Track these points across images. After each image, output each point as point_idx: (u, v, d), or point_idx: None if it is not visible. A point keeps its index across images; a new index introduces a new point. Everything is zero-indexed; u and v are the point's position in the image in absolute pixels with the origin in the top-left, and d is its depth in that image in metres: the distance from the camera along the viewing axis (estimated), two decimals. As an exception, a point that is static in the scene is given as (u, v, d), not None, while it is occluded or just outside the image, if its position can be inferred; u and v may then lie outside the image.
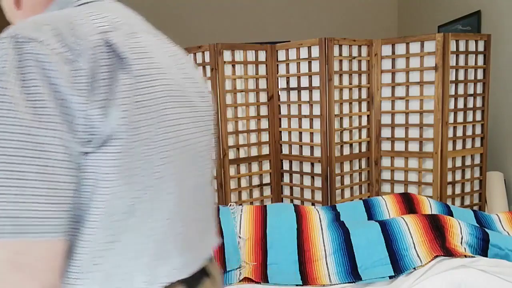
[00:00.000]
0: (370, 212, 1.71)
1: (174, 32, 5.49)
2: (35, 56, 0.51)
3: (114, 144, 0.55)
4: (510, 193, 2.93)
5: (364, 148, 2.57)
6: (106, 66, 0.56)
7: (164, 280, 0.64)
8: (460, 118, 2.44)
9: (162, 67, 0.65)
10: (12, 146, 0.49)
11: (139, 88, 0.59)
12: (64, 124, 0.52)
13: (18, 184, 0.49)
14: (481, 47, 2.43)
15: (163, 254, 0.64)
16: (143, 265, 0.62)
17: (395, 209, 1.70)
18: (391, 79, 2.47)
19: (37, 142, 0.50)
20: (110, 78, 0.56)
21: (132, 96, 0.57)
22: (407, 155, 2.47)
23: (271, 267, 1.42)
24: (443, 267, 1.29)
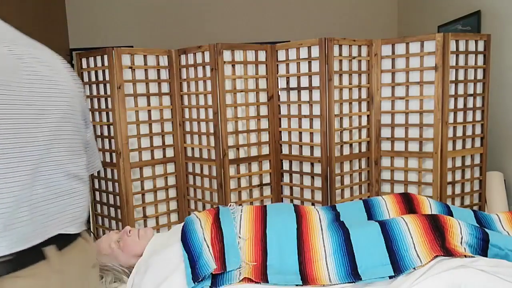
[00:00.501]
0: (370, 212, 1.71)
1: (174, 32, 5.51)
2: None
3: None
4: (510, 193, 2.93)
5: (364, 148, 2.57)
6: None
7: None
8: (460, 118, 2.44)
9: None
10: None
11: None
12: None
13: None
14: (481, 47, 2.43)
15: None
16: None
17: (395, 209, 1.70)
18: (391, 79, 2.47)
19: None
20: None
21: None
22: (407, 155, 2.48)
23: (271, 267, 1.42)
24: (443, 267, 1.29)
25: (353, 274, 1.38)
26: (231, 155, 2.52)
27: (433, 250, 1.36)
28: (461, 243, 1.40)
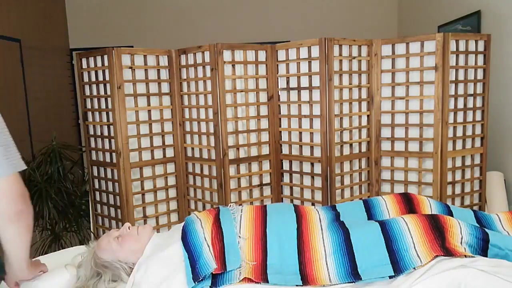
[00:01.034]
0: (370, 212, 1.71)
1: (174, 32, 5.50)
2: None
3: None
4: (510, 193, 2.93)
5: (364, 148, 2.57)
6: None
7: None
8: (460, 118, 2.44)
9: None
10: None
11: None
12: None
13: None
14: (481, 47, 2.43)
15: None
16: None
17: (395, 209, 1.70)
18: (391, 79, 2.47)
19: None
20: None
21: None
22: (407, 155, 2.48)
23: (271, 266, 1.42)
24: (443, 267, 1.29)
25: (353, 274, 1.38)
26: (231, 155, 2.52)
27: (433, 250, 1.36)
28: (461, 243, 1.40)
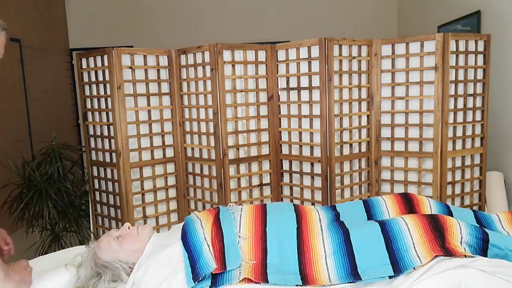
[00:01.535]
0: (370, 212, 1.71)
1: (174, 32, 5.50)
2: None
3: None
4: (510, 193, 2.93)
5: (364, 148, 2.57)
6: None
7: None
8: (460, 118, 2.44)
9: None
10: None
11: None
12: None
13: None
14: (481, 47, 2.43)
15: None
16: None
17: (395, 209, 1.70)
18: (391, 79, 2.47)
19: None
20: None
21: None
22: (407, 155, 2.48)
23: (271, 266, 1.42)
24: (443, 267, 1.29)
25: (353, 274, 1.38)
26: (231, 155, 2.52)
27: (433, 250, 1.36)
28: (461, 243, 1.40)
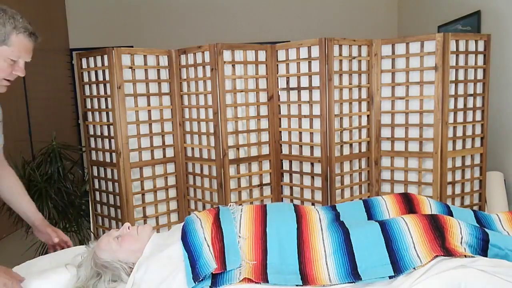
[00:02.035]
0: (370, 212, 1.71)
1: (174, 32, 5.50)
2: None
3: None
4: (510, 193, 2.93)
5: (364, 148, 2.57)
6: None
7: None
8: (460, 118, 2.44)
9: None
10: None
11: None
12: None
13: None
14: (481, 47, 2.43)
15: None
16: None
17: (395, 209, 1.70)
18: (391, 79, 2.47)
19: None
20: None
21: None
22: (407, 155, 2.48)
23: (271, 266, 1.42)
24: (443, 267, 1.29)
25: (353, 274, 1.38)
26: (231, 155, 2.52)
27: (433, 250, 1.36)
28: (461, 243, 1.40)
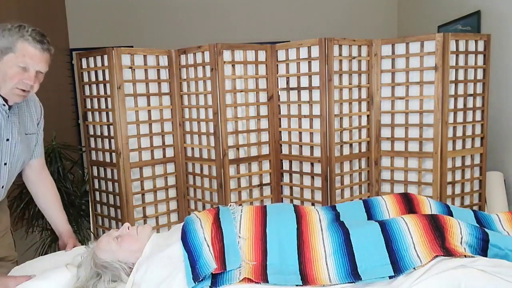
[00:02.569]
0: (370, 212, 1.71)
1: (174, 32, 5.50)
2: None
3: None
4: (510, 193, 2.93)
5: (364, 148, 2.57)
6: None
7: None
8: (460, 118, 2.44)
9: None
10: None
11: None
12: None
13: None
14: (481, 47, 2.43)
15: None
16: None
17: (395, 209, 1.70)
18: (391, 79, 2.47)
19: None
20: None
21: None
22: (407, 155, 2.48)
23: (271, 266, 1.42)
24: (443, 267, 1.29)
25: (353, 274, 1.38)
26: (231, 155, 2.52)
27: (433, 250, 1.36)
28: (461, 243, 1.40)
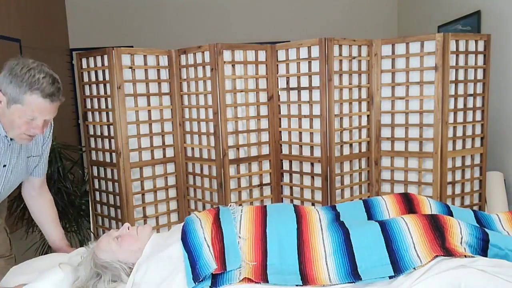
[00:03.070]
0: (370, 212, 1.71)
1: (174, 32, 5.50)
2: None
3: None
4: (510, 193, 2.93)
5: (364, 148, 2.57)
6: None
7: None
8: (460, 118, 2.44)
9: None
10: None
11: None
12: None
13: None
14: (481, 47, 2.43)
15: None
16: None
17: (395, 209, 1.70)
18: (391, 79, 2.47)
19: None
20: None
21: None
22: (407, 155, 2.47)
23: (271, 267, 1.42)
24: (443, 267, 1.29)
25: (353, 274, 1.38)
26: (231, 155, 2.52)
27: (433, 250, 1.36)
28: (461, 243, 1.40)
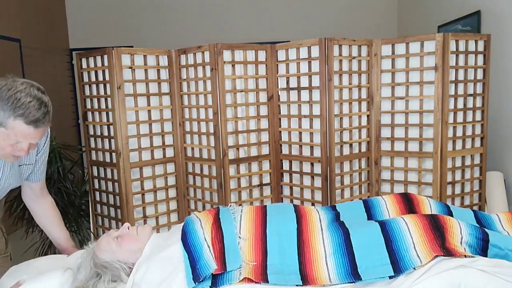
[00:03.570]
0: (370, 212, 1.71)
1: (174, 32, 5.50)
2: None
3: None
4: (510, 193, 2.93)
5: (364, 148, 2.57)
6: None
7: None
8: (460, 118, 2.44)
9: None
10: None
11: None
12: None
13: None
14: (481, 47, 2.43)
15: None
16: None
17: (395, 209, 1.70)
18: (391, 79, 2.47)
19: None
20: None
21: None
22: (407, 155, 2.48)
23: (271, 267, 1.42)
24: (443, 267, 1.29)
25: (353, 274, 1.38)
26: (231, 155, 2.52)
27: (433, 250, 1.36)
28: (461, 243, 1.40)
